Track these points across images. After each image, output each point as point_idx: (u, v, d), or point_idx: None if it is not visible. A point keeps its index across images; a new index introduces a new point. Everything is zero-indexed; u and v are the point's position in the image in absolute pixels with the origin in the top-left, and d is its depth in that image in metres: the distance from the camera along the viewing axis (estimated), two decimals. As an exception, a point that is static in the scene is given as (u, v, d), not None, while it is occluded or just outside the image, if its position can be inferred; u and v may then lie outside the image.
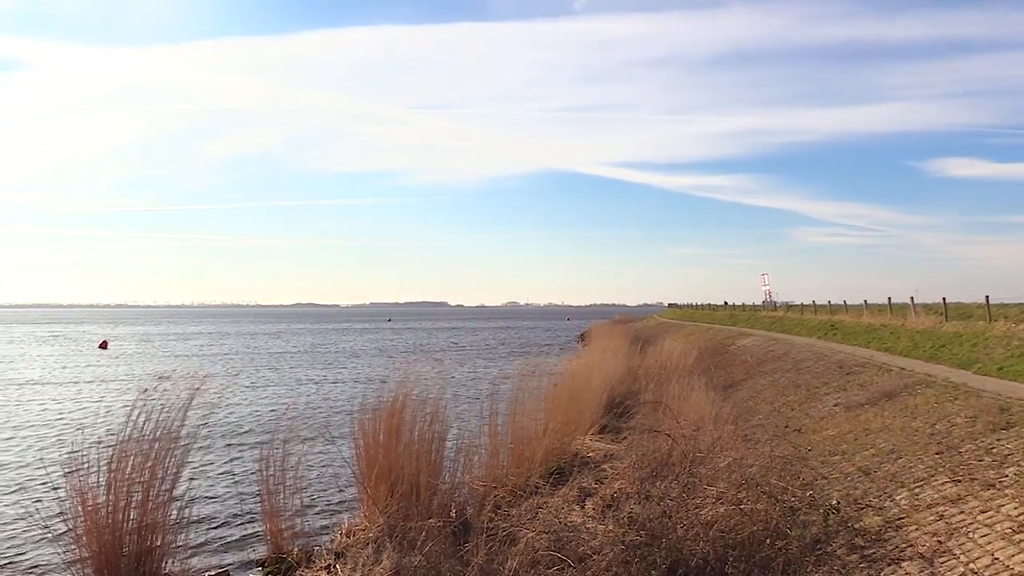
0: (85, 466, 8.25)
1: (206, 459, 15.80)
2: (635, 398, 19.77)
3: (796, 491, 9.02)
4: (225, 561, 9.96)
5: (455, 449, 11.40)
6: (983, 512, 7.37)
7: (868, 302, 35.69)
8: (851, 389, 16.41)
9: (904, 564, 6.79)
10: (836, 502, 8.49)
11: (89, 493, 8.05)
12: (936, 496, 8.22)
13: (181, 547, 9.00)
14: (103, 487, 8.10)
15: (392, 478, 9.60)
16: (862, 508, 8.49)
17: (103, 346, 60.61)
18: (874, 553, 7.21)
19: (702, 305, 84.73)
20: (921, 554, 6.88)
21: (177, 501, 8.94)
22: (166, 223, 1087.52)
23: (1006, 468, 8.41)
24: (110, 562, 7.89)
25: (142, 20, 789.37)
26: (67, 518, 8.37)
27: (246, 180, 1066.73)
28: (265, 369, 41.10)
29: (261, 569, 9.53)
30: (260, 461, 10.09)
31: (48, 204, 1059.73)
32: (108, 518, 7.96)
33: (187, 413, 9.20)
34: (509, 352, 54.42)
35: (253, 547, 10.49)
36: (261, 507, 10.09)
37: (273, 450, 10.10)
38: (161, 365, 42.48)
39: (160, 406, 9.09)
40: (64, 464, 9.66)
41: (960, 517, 7.43)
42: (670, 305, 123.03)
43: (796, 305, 53.09)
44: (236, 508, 12.25)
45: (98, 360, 47.11)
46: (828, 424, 13.64)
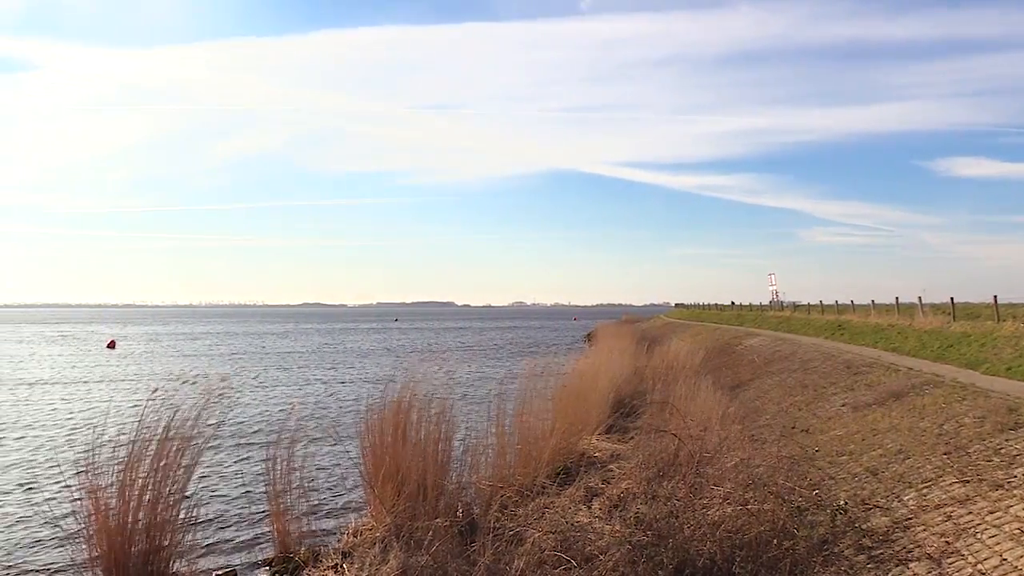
0: (95, 466, 8.30)
1: (215, 459, 15.86)
2: (642, 398, 19.72)
3: (803, 491, 9.02)
4: (232, 561, 10.01)
5: (462, 449, 11.42)
6: (991, 513, 7.35)
7: (875, 302, 35.67)
8: (858, 389, 16.36)
9: (912, 565, 6.77)
10: (843, 502, 8.47)
11: (99, 493, 8.10)
12: (944, 497, 8.20)
13: (189, 547, 9.04)
14: (113, 487, 8.15)
15: (399, 478, 9.62)
16: (870, 508, 8.48)
17: (111, 346, 60.92)
18: (882, 554, 7.19)
19: (709, 305, 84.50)
20: (929, 555, 6.87)
21: (186, 501, 8.98)
22: (172, 223, 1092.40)
23: (1015, 469, 8.38)
24: (119, 561, 7.93)
25: (148, 21, 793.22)
26: (77, 517, 8.42)
27: (252, 180, 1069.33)
28: (274, 369, 41.26)
29: (268, 568, 9.57)
30: (268, 461, 10.14)
31: (55, 204, 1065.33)
32: (118, 518, 8.00)
33: (199, 413, 9.25)
34: (516, 352, 54.40)
35: (260, 547, 10.53)
36: (268, 507, 10.13)
37: (281, 450, 10.14)
38: (169, 365, 42.69)
39: (170, 406, 9.16)
40: (74, 464, 9.73)
41: (968, 518, 7.41)
42: (676, 305, 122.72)
43: (803, 305, 52.86)
44: (243, 508, 12.31)
45: (106, 360, 47.37)
46: (835, 424, 13.61)
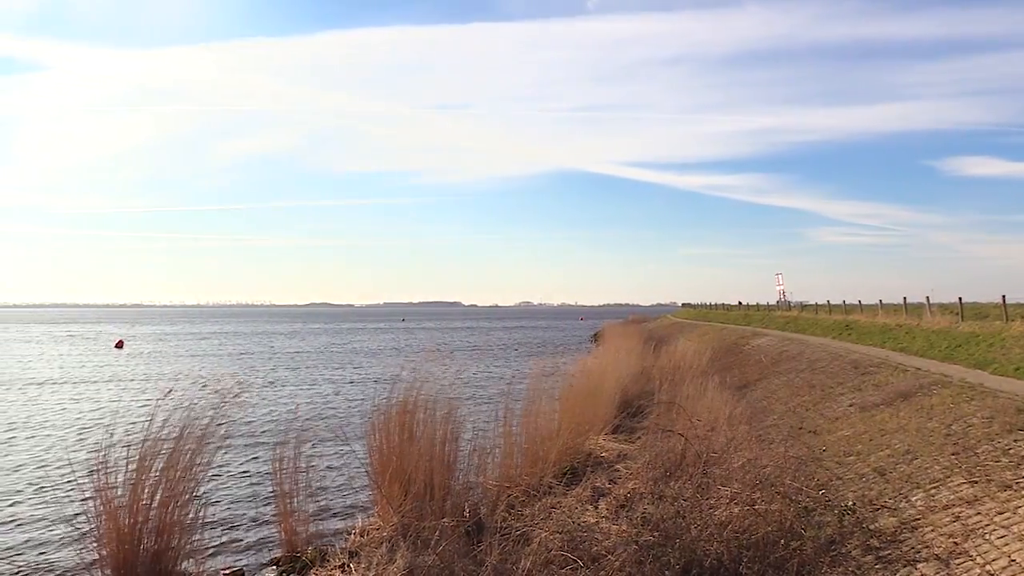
0: (106, 466, 8.35)
1: (223, 459, 15.90)
2: (649, 398, 19.69)
3: (810, 492, 9.00)
4: (240, 560, 10.06)
5: (469, 449, 11.43)
6: (1000, 513, 7.32)
7: (883, 302, 35.46)
8: (866, 389, 16.30)
9: (920, 565, 6.76)
10: (851, 503, 8.46)
11: (109, 493, 8.15)
12: (952, 497, 8.17)
13: (197, 547, 9.09)
14: (124, 487, 8.20)
15: (406, 478, 9.65)
16: (877, 509, 8.45)
17: (119, 346, 61.22)
18: (889, 554, 7.18)
19: (716, 305, 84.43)
20: (937, 555, 6.85)
21: (195, 501, 9.03)
22: (180, 223, 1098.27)
23: (1023, 469, 8.35)
24: (128, 560, 7.98)
25: (157, 22, 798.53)
26: (87, 517, 8.48)
27: (259, 180, 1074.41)
28: (282, 368, 41.37)
29: (276, 568, 9.61)
30: (275, 461, 10.17)
31: (62, 204, 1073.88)
32: (128, 518, 8.05)
33: (210, 414, 9.30)
34: (523, 352, 54.39)
35: (267, 546, 10.58)
36: (276, 507, 10.18)
37: (288, 451, 10.19)
38: (177, 365, 42.89)
39: (180, 407, 9.21)
40: (84, 464, 9.79)
41: (976, 518, 7.38)
42: (684, 305, 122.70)
43: (810, 305, 52.75)
44: (251, 507, 12.37)
45: (115, 360, 47.60)
46: (843, 424, 13.57)
